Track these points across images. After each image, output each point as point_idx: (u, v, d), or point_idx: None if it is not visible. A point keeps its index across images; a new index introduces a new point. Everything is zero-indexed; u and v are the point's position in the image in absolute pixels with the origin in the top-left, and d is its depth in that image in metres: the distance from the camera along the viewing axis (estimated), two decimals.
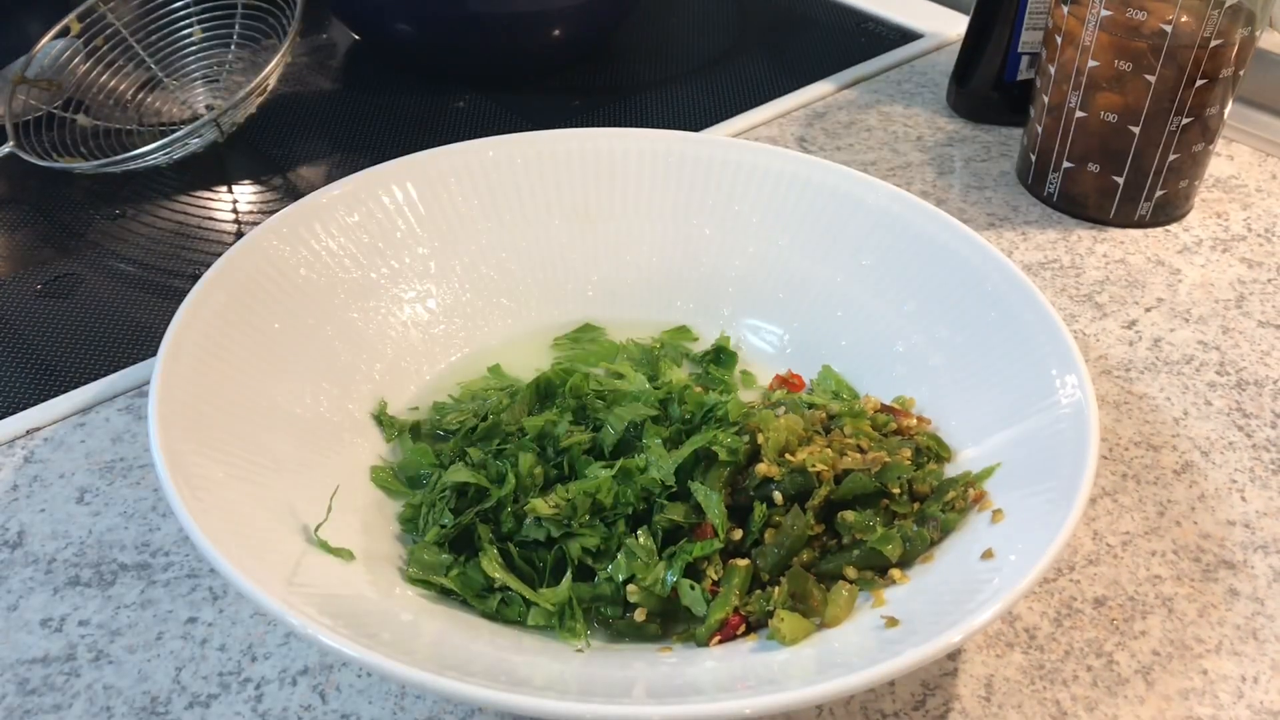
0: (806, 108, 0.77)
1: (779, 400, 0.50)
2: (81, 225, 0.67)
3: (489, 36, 0.77)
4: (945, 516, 0.43)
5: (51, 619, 0.44)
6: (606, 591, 0.43)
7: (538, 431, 0.47)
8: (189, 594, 0.45)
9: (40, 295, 0.61)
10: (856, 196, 0.55)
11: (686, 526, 0.44)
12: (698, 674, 0.38)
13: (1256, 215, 0.67)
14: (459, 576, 0.43)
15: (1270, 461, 0.52)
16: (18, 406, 0.54)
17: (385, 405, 0.51)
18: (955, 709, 0.42)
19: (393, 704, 0.42)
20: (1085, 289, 0.62)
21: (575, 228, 0.58)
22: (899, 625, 0.38)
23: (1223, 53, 0.59)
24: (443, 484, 0.46)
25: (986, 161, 0.72)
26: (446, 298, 0.56)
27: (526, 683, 0.37)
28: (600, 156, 0.58)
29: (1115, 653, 0.44)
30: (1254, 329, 0.59)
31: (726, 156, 0.58)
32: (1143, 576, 0.46)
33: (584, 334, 0.57)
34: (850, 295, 0.55)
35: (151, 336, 0.58)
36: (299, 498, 0.44)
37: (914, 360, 0.51)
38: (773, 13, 0.92)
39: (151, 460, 0.45)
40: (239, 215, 0.68)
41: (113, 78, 0.75)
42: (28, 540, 0.47)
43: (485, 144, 0.58)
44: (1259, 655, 0.44)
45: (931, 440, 0.47)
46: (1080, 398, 0.44)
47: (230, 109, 0.69)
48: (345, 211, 0.54)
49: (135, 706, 0.41)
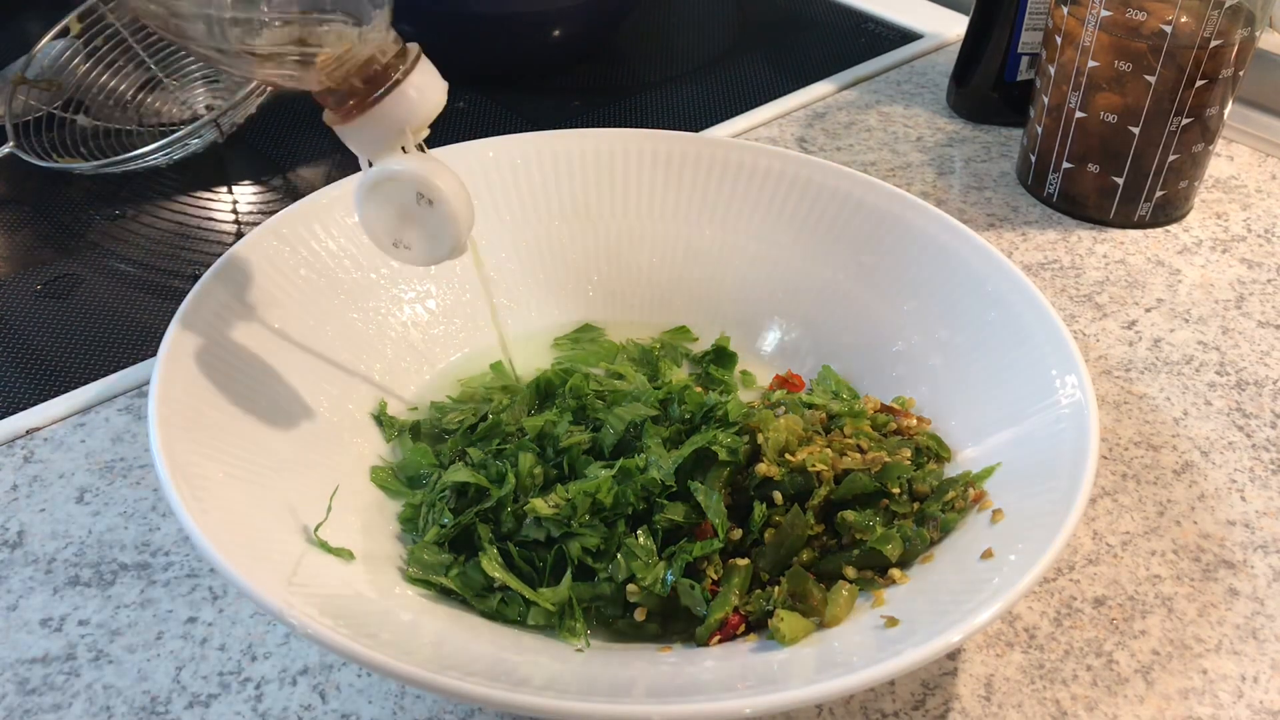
0: (806, 108, 0.77)
1: (779, 400, 0.50)
2: (81, 225, 0.67)
3: (489, 36, 0.78)
4: (945, 516, 0.43)
5: (51, 619, 0.44)
6: (606, 591, 0.43)
7: (538, 431, 0.47)
8: (189, 594, 0.45)
9: (40, 295, 0.61)
10: (856, 197, 0.55)
11: (686, 526, 0.44)
12: (698, 673, 0.38)
13: (1256, 215, 0.67)
14: (459, 576, 0.43)
15: (1270, 461, 0.52)
16: (18, 406, 0.54)
17: (385, 405, 0.51)
18: (955, 709, 0.42)
19: (393, 704, 0.42)
20: (1085, 289, 0.62)
21: (575, 228, 0.58)
22: (899, 625, 0.38)
23: (1223, 53, 0.59)
24: (443, 484, 0.46)
25: (986, 162, 0.72)
26: (446, 298, 0.56)
27: (526, 682, 0.37)
28: (600, 156, 0.58)
29: (1115, 652, 0.44)
30: (1254, 329, 0.59)
31: (727, 157, 0.58)
32: (1142, 576, 0.46)
33: (584, 334, 0.57)
34: (850, 295, 0.55)
35: (151, 336, 0.58)
36: (299, 498, 0.44)
37: (914, 360, 0.51)
38: (773, 13, 0.92)
39: (151, 460, 0.45)
40: (239, 215, 0.68)
41: (113, 78, 0.75)
42: (28, 540, 0.47)
43: (485, 144, 0.58)
44: (1259, 655, 0.44)
45: (931, 440, 0.47)
46: (1080, 398, 0.44)
47: (230, 109, 0.69)
48: (345, 211, 0.54)
49: (135, 706, 0.41)
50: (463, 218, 0.44)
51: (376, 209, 0.44)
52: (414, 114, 0.42)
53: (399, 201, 0.43)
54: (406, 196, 0.43)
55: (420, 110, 0.42)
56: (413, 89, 0.41)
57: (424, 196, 0.43)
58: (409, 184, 0.43)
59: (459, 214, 0.43)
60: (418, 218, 0.44)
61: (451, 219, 0.43)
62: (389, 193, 0.43)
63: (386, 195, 0.43)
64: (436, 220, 0.43)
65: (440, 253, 0.44)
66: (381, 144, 0.42)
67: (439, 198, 0.43)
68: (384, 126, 0.42)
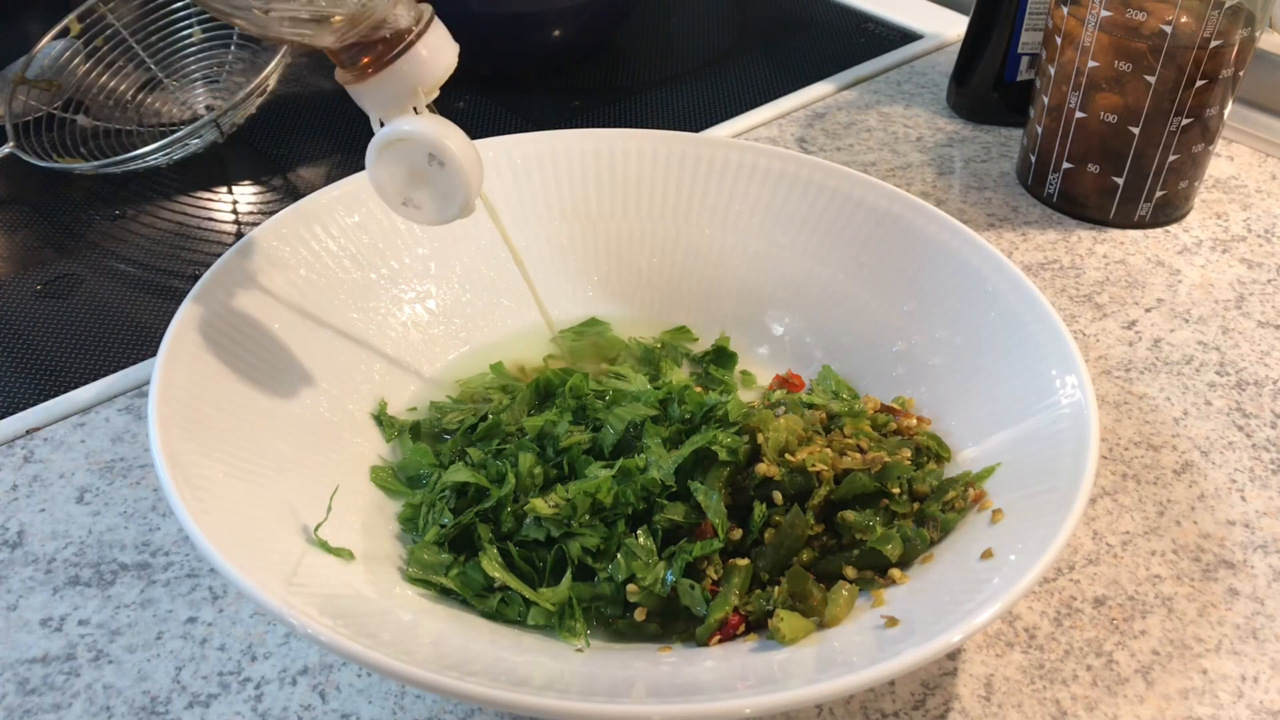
0: (806, 108, 0.77)
1: (779, 400, 0.50)
2: (81, 225, 0.67)
3: (489, 36, 0.78)
4: (945, 516, 0.43)
5: (51, 619, 0.44)
6: (606, 591, 0.43)
7: (537, 431, 0.47)
8: (189, 594, 0.45)
9: (40, 295, 0.61)
10: (856, 197, 0.55)
11: (686, 526, 0.44)
12: (698, 673, 0.38)
13: (1256, 216, 0.67)
14: (459, 576, 0.43)
15: (1270, 461, 0.52)
16: (18, 406, 0.54)
17: (385, 405, 0.51)
18: (955, 709, 0.42)
19: (393, 704, 0.42)
20: (1085, 289, 0.62)
21: (575, 228, 0.58)
22: (899, 625, 0.38)
23: (1223, 53, 0.59)
24: (443, 484, 0.46)
25: (986, 162, 0.72)
26: (446, 298, 0.56)
27: (526, 682, 0.37)
28: (600, 156, 0.58)
29: (1115, 652, 0.44)
30: (1254, 329, 0.59)
31: (727, 156, 0.58)
32: (1143, 576, 0.46)
33: (589, 328, 0.57)
34: (850, 295, 0.55)
35: (151, 336, 0.58)
36: (299, 498, 0.44)
37: (914, 360, 0.51)
38: (773, 13, 0.92)
39: (151, 460, 0.45)
40: (239, 215, 0.68)
41: (113, 78, 0.75)
42: (28, 540, 0.47)
43: (485, 144, 0.58)
44: (1259, 655, 0.44)
45: (931, 440, 0.47)
46: (1080, 398, 0.44)
47: (230, 109, 0.69)
48: (345, 212, 0.54)
49: (135, 706, 0.41)
50: (473, 178, 0.44)
51: (388, 168, 0.44)
52: (426, 74, 0.43)
53: (410, 161, 0.44)
54: (418, 157, 0.44)
55: (433, 71, 0.43)
56: (425, 49, 0.42)
57: (435, 157, 0.44)
58: (421, 145, 0.43)
59: (469, 174, 0.44)
60: (428, 178, 0.44)
61: (462, 179, 0.44)
62: (400, 153, 0.44)
63: (398, 155, 0.44)
64: (447, 180, 0.44)
65: (450, 212, 0.45)
66: (393, 103, 0.43)
67: (450, 158, 0.43)
68: (396, 86, 0.42)
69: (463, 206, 0.45)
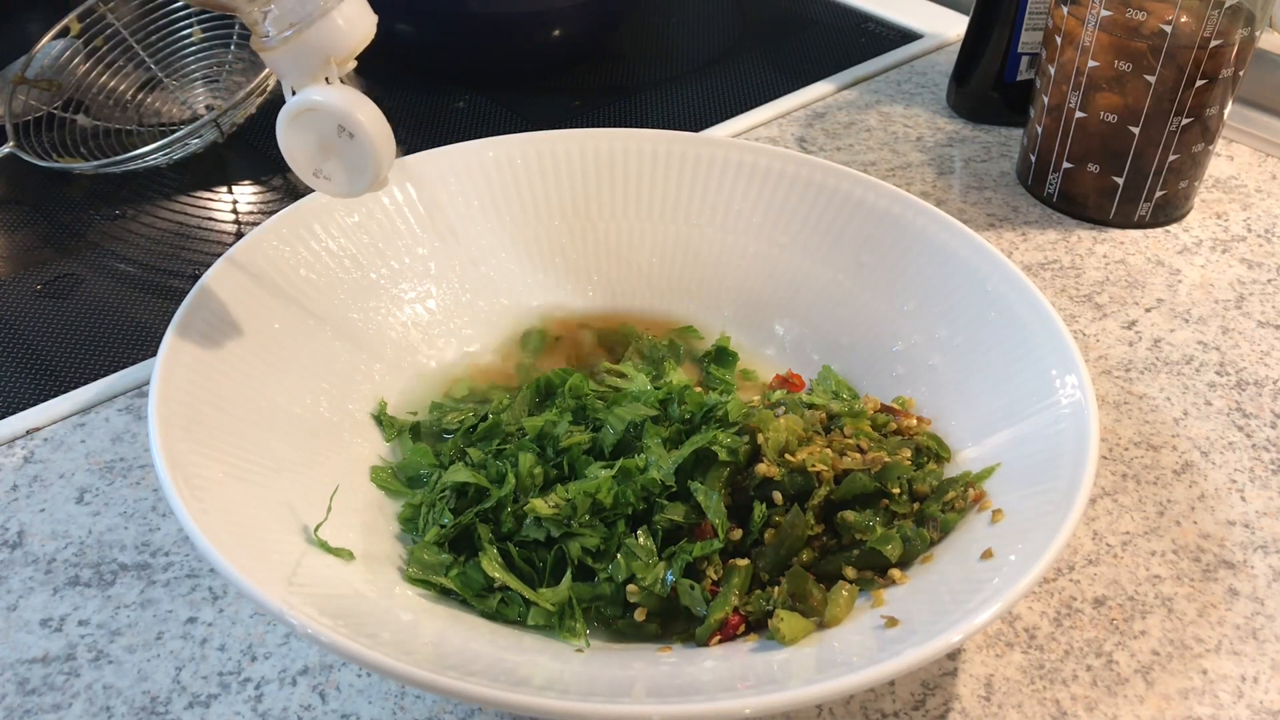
0: (806, 108, 0.77)
1: (779, 400, 0.50)
2: (81, 225, 0.67)
3: (489, 36, 0.78)
4: (945, 516, 0.43)
5: (51, 619, 0.44)
6: (606, 591, 0.43)
7: (537, 431, 0.47)
8: (189, 594, 0.45)
9: (40, 295, 0.61)
10: (856, 196, 0.55)
11: (686, 526, 0.44)
12: (698, 673, 0.38)
13: (1256, 216, 0.67)
14: (459, 576, 0.43)
15: (1270, 461, 0.52)
16: (18, 406, 0.54)
17: (385, 405, 0.51)
18: (955, 709, 0.42)
19: (393, 704, 0.42)
20: (1085, 289, 0.62)
21: (575, 228, 0.58)
22: (899, 625, 0.38)
23: (1223, 53, 0.59)
24: (443, 484, 0.46)
25: (986, 162, 0.72)
26: (446, 298, 0.56)
27: (526, 682, 0.37)
28: (600, 156, 0.58)
29: (1115, 652, 0.44)
30: (1254, 329, 0.59)
31: (727, 156, 0.58)
32: (1142, 576, 0.46)
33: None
34: (850, 295, 0.55)
35: (151, 336, 0.58)
36: (299, 498, 0.44)
37: (914, 360, 0.51)
38: (773, 13, 0.92)
39: (151, 460, 0.45)
40: (239, 215, 0.68)
41: (113, 78, 0.75)
42: (28, 540, 0.47)
43: (485, 144, 0.58)
44: (1259, 655, 0.44)
45: (931, 440, 0.47)
46: (1080, 398, 0.44)
47: (230, 109, 0.69)
48: (345, 212, 0.54)
49: (135, 706, 0.41)
50: (383, 152, 0.44)
51: (297, 138, 0.44)
52: (340, 44, 0.42)
53: (320, 132, 0.44)
54: (327, 128, 0.43)
55: (347, 40, 0.42)
56: (341, 18, 0.42)
57: (344, 129, 0.43)
58: (329, 115, 0.43)
59: (379, 147, 0.43)
60: (338, 149, 0.44)
61: (371, 152, 0.43)
62: (309, 122, 0.43)
63: (307, 124, 0.44)
64: (356, 153, 0.44)
65: (360, 185, 0.44)
66: (306, 72, 0.43)
67: (359, 130, 0.43)
68: (309, 55, 0.42)
69: (373, 180, 0.44)
